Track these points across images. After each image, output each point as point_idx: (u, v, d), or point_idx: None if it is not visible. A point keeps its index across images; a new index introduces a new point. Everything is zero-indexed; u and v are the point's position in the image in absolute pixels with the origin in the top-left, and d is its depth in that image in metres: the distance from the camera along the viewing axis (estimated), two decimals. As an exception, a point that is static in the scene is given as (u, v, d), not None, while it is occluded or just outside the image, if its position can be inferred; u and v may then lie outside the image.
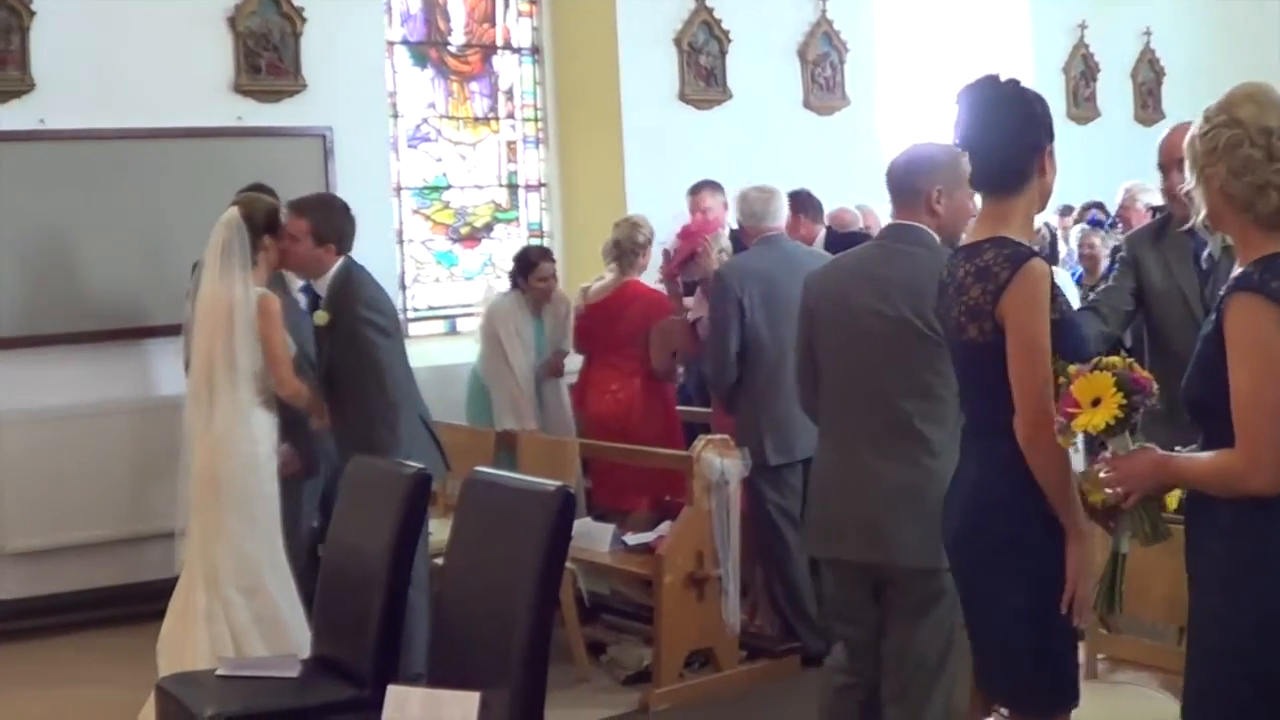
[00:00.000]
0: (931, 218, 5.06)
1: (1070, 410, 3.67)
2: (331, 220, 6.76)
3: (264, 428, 6.58)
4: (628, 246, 8.71)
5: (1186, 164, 3.58)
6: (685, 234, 8.34)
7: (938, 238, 5.04)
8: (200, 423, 6.54)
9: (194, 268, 7.79)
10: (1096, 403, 3.62)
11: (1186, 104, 3.35)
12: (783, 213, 7.79)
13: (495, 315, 8.82)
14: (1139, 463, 3.58)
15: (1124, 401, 3.59)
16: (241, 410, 6.50)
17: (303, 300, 7.43)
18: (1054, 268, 8.05)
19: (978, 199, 4.42)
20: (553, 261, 9.09)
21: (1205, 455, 3.48)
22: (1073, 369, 3.76)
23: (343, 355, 6.67)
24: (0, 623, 8.47)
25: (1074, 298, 8.19)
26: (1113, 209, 10.92)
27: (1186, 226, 4.83)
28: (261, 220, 6.65)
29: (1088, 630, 5.02)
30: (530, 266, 8.88)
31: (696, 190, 9.40)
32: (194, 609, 6.37)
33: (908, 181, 5.10)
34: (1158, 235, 5.79)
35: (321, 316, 6.73)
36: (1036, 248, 4.30)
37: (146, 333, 8.93)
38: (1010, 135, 4.11)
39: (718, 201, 9.31)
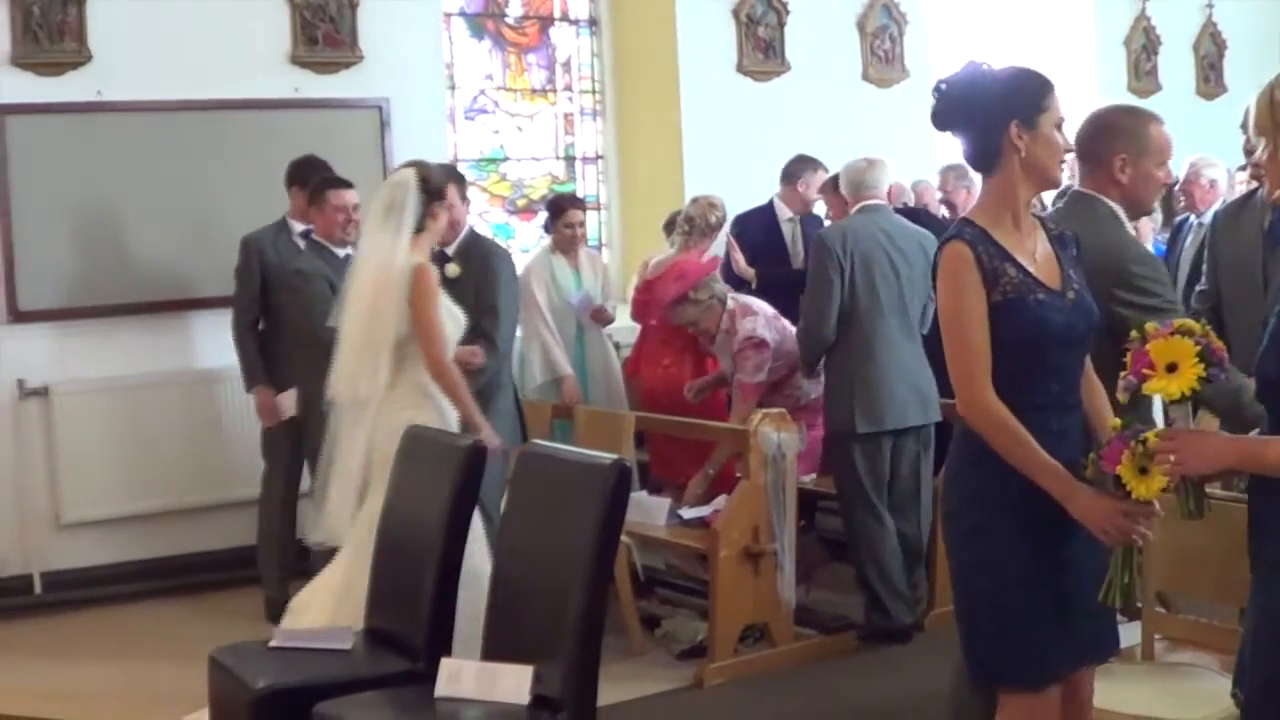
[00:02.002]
0: (1115, 188, 4.89)
1: (1144, 371, 3.46)
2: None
3: (428, 407, 6.13)
4: (700, 225, 8.70)
5: (1264, 131, 3.34)
6: (678, 274, 8.02)
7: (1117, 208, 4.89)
8: (353, 395, 6.09)
9: (242, 243, 7.85)
10: (1172, 368, 3.43)
11: (1249, 77, 3.25)
12: (884, 182, 7.73)
13: (529, 270, 8.83)
14: (1207, 446, 3.40)
15: (1203, 374, 3.40)
16: (397, 385, 6.08)
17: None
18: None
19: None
20: (582, 210, 9.10)
21: None
22: (1150, 327, 3.51)
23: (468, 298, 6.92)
24: (55, 593, 8.54)
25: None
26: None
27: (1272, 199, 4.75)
28: (438, 185, 6.25)
29: (1145, 609, 4.96)
30: (559, 212, 8.98)
31: (804, 172, 9.18)
32: (331, 581, 6.05)
33: (1089, 148, 4.95)
34: (1241, 207, 5.76)
35: (453, 269, 7.09)
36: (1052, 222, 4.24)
37: (195, 304, 8.93)
38: (966, 116, 3.99)
39: (819, 179, 9.07)
